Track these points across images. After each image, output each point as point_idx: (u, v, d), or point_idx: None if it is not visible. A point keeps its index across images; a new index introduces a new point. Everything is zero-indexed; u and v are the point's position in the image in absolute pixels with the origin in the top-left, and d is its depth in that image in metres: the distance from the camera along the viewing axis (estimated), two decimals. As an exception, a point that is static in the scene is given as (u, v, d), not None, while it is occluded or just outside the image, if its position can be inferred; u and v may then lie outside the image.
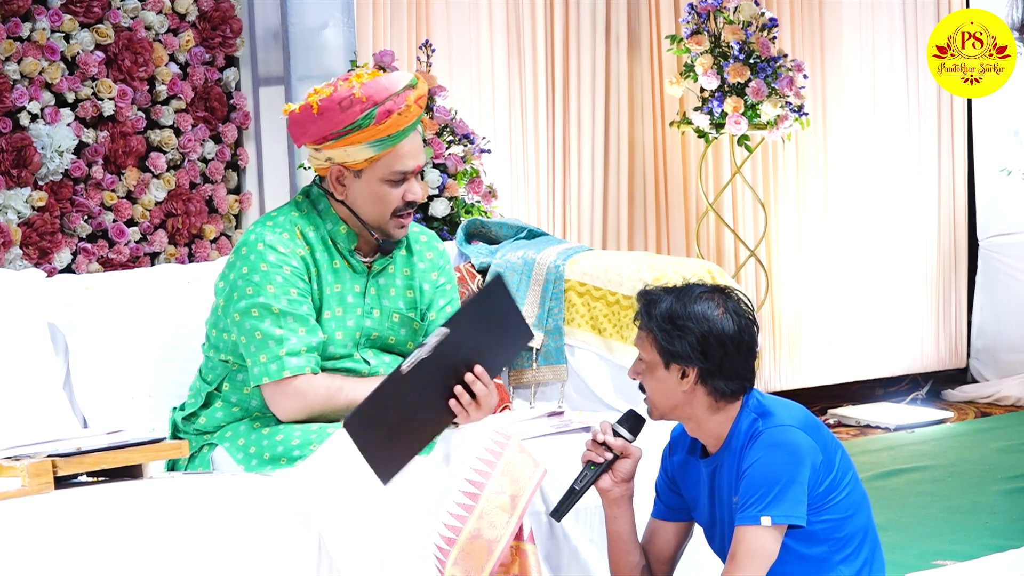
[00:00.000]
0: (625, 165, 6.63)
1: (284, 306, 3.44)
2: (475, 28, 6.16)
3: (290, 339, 3.43)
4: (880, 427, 6.77)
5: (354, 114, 3.45)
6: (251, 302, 3.45)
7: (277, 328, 3.43)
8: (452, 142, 5.30)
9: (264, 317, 3.44)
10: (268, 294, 3.44)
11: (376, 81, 3.48)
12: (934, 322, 7.58)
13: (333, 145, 3.49)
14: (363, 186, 3.53)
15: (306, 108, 3.49)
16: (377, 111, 3.45)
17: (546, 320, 4.47)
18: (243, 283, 3.47)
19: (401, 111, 3.47)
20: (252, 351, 3.45)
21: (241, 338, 3.47)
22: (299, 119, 3.51)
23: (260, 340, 3.44)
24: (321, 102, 3.47)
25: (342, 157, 3.50)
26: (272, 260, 3.46)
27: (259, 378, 3.45)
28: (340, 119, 3.45)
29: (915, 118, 7.45)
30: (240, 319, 3.46)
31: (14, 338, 3.86)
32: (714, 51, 6.21)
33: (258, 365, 3.45)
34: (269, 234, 3.50)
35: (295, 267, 3.48)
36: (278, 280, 3.45)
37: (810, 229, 7.17)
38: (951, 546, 4.82)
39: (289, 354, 3.43)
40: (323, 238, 3.56)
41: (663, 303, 3.11)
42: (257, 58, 5.51)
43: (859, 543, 3.11)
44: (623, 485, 3.23)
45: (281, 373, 3.43)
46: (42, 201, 4.93)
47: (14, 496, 3.15)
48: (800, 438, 3.04)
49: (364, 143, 3.47)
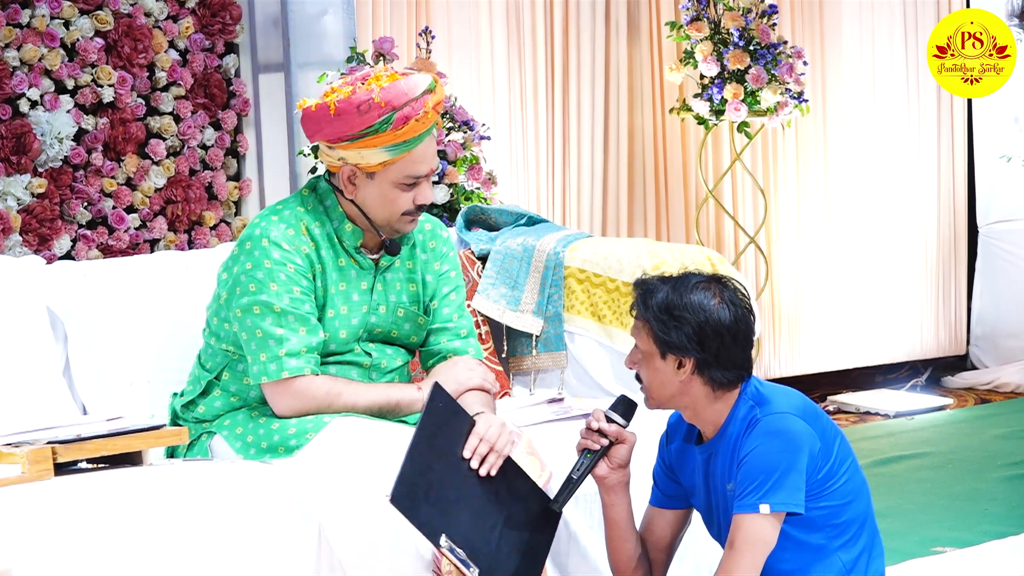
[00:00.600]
0: (625, 152, 6.62)
1: (286, 305, 3.43)
2: (475, 14, 6.16)
3: (290, 339, 3.43)
4: (880, 414, 6.77)
5: (372, 118, 3.40)
6: (253, 299, 3.44)
7: (278, 327, 3.43)
8: (452, 129, 5.29)
9: (265, 315, 3.43)
10: (271, 292, 3.43)
11: (395, 85, 3.43)
12: (934, 309, 7.58)
13: (348, 147, 3.45)
14: (375, 188, 3.50)
15: (323, 107, 3.44)
16: (395, 116, 3.40)
17: (546, 307, 4.47)
18: (246, 279, 3.46)
19: (419, 117, 3.42)
20: (252, 349, 3.45)
21: (242, 334, 3.47)
22: (315, 117, 3.47)
23: (260, 339, 3.44)
24: (339, 103, 3.42)
25: (356, 159, 3.46)
26: (276, 257, 3.45)
27: (258, 376, 3.45)
28: (357, 122, 3.41)
29: (915, 105, 7.45)
30: (242, 315, 3.46)
31: (14, 325, 3.86)
32: (714, 38, 6.21)
33: (258, 364, 3.45)
34: (274, 229, 3.47)
35: (299, 265, 3.47)
36: (281, 278, 3.44)
37: (810, 216, 7.17)
38: (950, 533, 4.83)
39: (288, 355, 3.42)
40: (329, 235, 3.53)
41: (659, 293, 3.10)
42: (257, 45, 5.50)
43: (858, 530, 3.12)
44: (620, 471, 3.23)
45: (280, 374, 3.43)
46: (42, 188, 4.93)
47: (14, 483, 3.16)
48: (798, 425, 3.04)
49: (380, 147, 3.44)
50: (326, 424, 3.38)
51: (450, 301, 3.68)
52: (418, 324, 3.65)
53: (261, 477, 3.31)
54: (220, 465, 3.44)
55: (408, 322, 3.64)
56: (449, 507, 3.14)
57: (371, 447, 3.31)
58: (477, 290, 4.50)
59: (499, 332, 4.52)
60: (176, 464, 3.49)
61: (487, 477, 3.22)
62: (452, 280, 3.70)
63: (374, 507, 3.22)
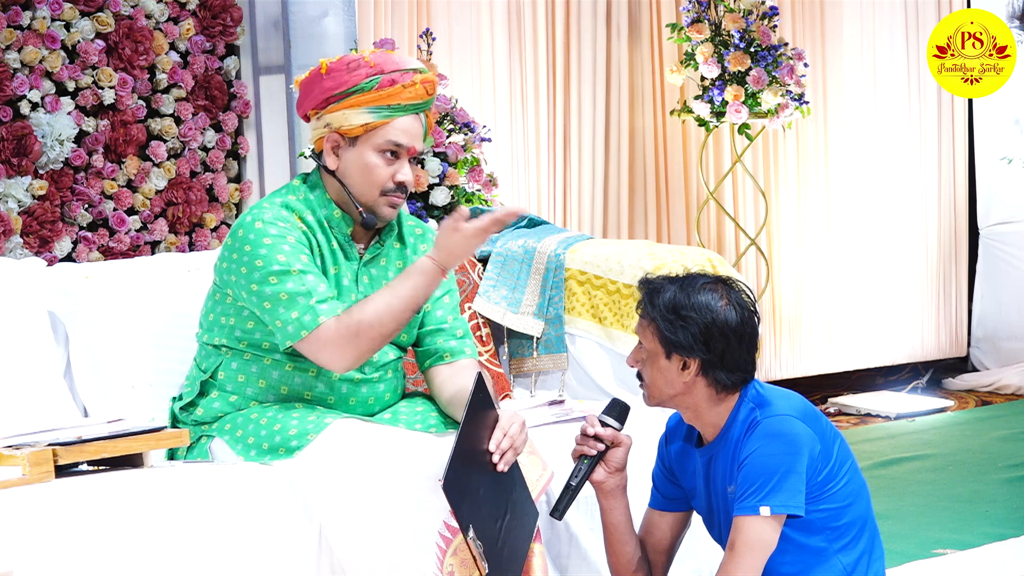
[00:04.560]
0: (626, 154, 6.63)
1: (303, 265, 3.43)
2: (476, 16, 6.16)
3: (318, 288, 3.41)
4: (880, 416, 6.77)
5: (359, 76, 3.49)
6: (266, 271, 3.42)
7: (301, 284, 3.41)
8: (452, 131, 5.30)
9: (285, 280, 3.40)
10: (281, 261, 3.42)
11: (387, 55, 3.57)
12: (935, 311, 7.58)
13: (333, 108, 3.52)
14: (355, 155, 3.53)
15: (315, 71, 3.56)
16: (382, 78, 3.50)
17: (547, 309, 4.47)
18: (250, 259, 3.45)
19: (406, 84, 3.50)
20: (281, 312, 3.40)
21: (265, 304, 3.42)
22: (307, 82, 3.57)
23: (287, 300, 3.39)
24: (331, 64, 3.54)
25: (340, 121, 3.51)
26: (274, 233, 3.46)
27: (296, 335, 3.39)
28: (345, 79, 3.50)
29: (916, 107, 7.45)
30: (258, 288, 3.43)
31: (14, 327, 3.86)
32: (715, 39, 6.21)
33: (292, 323, 3.39)
34: (267, 213, 3.50)
35: (299, 237, 3.49)
36: (286, 249, 3.44)
37: (811, 218, 7.18)
38: (951, 535, 4.83)
39: (320, 302, 3.40)
40: (319, 221, 3.56)
41: (666, 293, 3.09)
42: (257, 47, 5.50)
43: (858, 532, 3.11)
44: (617, 475, 3.23)
45: (316, 321, 3.37)
46: (42, 190, 4.93)
47: (15, 485, 3.16)
48: (798, 428, 3.04)
49: (363, 107, 3.50)
50: (327, 425, 3.38)
51: (443, 304, 3.69)
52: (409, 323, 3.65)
53: (262, 478, 3.31)
54: (221, 467, 3.44)
55: None
56: (476, 499, 3.14)
57: (371, 448, 3.31)
58: (478, 292, 4.51)
59: (500, 334, 4.52)
60: (177, 466, 3.49)
61: (498, 473, 3.22)
62: (444, 283, 3.71)
63: (374, 508, 3.22)
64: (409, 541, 3.24)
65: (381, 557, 3.22)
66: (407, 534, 3.21)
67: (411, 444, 3.34)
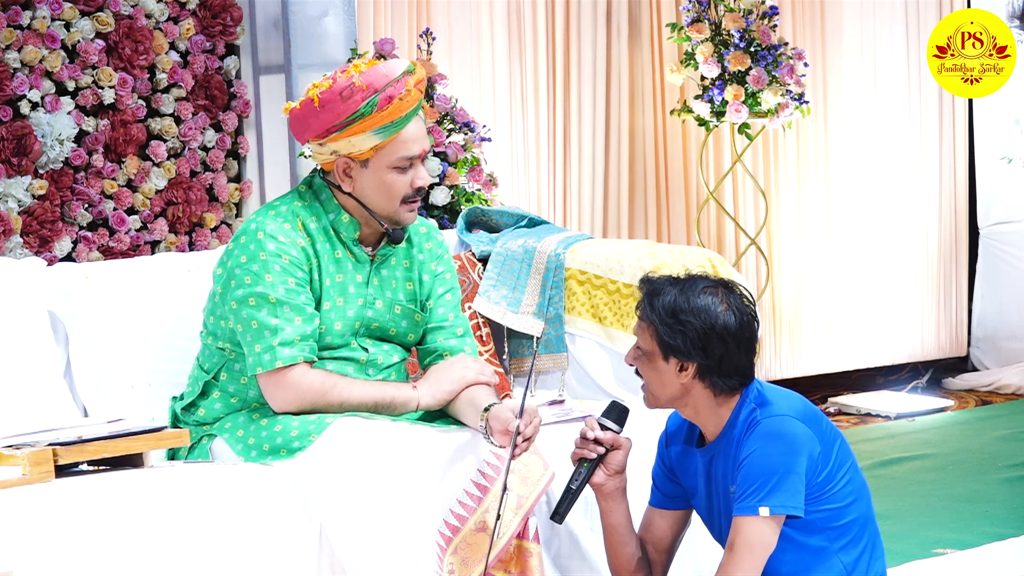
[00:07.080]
0: (626, 153, 6.62)
1: (281, 295, 3.44)
2: (475, 16, 6.16)
3: (285, 329, 3.43)
4: (880, 415, 6.77)
5: (356, 103, 3.45)
6: (248, 291, 3.45)
7: (273, 318, 3.43)
8: (453, 130, 5.30)
9: (261, 306, 3.44)
10: (266, 283, 3.44)
11: (374, 69, 3.49)
12: (935, 310, 7.58)
13: (337, 137, 3.48)
14: (371, 176, 3.53)
15: (307, 103, 3.49)
16: (379, 98, 3.45)
17: (547, 308, 4.47)
18: (241, 272, 3.47)
19: (402, 96, 3.48)
20: (248, 340, 3.46)
21: (238, 326, 3.48)
22: (301, 115, 3.51)
23: (256, 330, 3.44)
24: (322, 95, 3.47)
25: (347, 148, 3.49)
26: (271, 249, 3.46)
27: (254, 368, 3.46)
28: (342, 109, 3.45)
29: (916, 106, 7.45)
30: (237, 307, 3.47)
31: (14, 327, 3.86)
32: (715, 39, 6.21)
33: (253, 355, 3.45)
34: (270, 223, 3.50)
35: (294, 256, 3.48)
36: (276, 269, 3.45)
37: (811, 217, 7.17)
38: (951, 535, 4.83)
39: (282, 344, 3.43)
40: (325, 228, 3.55)
41: (666, 295, 3.09)
42: (257, 46, 5.50)
43: (858, 532, 3.11)
44: (616, 477, 3.23)
45: (274, 363, 3.43)
46: (42, 189, 4.93)
47: (15, 485, 3.16)
48: (798, 428, 3.04)
49: (368, 131, 3.48)
50: (328, 425, 3.38)
51: (445, 301, 3.70)
52: (415, 322, 3.66)
53: (262, 479, 3.31)
54: (221, 467, 3.44)
55: (405, 319, 3.65)
56: None
57: (372, 449, 3.31)
58: (478, 292, 4.51)
59: (500, 334, 4.52)
60: (177, 466, 3.49)
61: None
62: (447, 281, 3.72)
63: (375, 508, 3.22)
64: (408, 541, 3.24)
65: (382, 556, 3.22)
66: (408, 533, 3.21)
67: (413, 442, 3.34)
